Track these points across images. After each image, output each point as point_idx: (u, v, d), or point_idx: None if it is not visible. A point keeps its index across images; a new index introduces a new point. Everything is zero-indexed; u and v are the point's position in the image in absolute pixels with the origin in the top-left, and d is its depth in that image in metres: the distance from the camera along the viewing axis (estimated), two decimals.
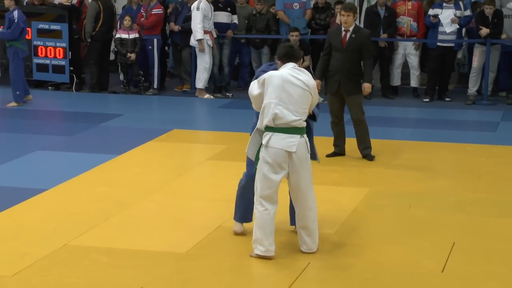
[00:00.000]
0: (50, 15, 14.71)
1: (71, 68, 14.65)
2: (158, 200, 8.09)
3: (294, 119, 6.36)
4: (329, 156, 9.82)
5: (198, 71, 14.21)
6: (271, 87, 6.36)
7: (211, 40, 14.19)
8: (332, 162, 9.62)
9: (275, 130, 6.35)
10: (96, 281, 6.01)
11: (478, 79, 14.05)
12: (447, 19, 13.79)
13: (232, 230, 7.00)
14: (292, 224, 6.99)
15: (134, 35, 14.37)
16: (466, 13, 13.98)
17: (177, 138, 10.93)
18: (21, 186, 8.50)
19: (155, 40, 14.54)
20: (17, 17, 12.96)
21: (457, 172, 9.39)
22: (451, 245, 6.80)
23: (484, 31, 13.58)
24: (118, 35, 14.40)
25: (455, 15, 13.81)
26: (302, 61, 13.75)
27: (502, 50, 14.02)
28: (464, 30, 14.38)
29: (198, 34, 13.96)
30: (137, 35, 14.40)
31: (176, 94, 14.71)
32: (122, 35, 14.35)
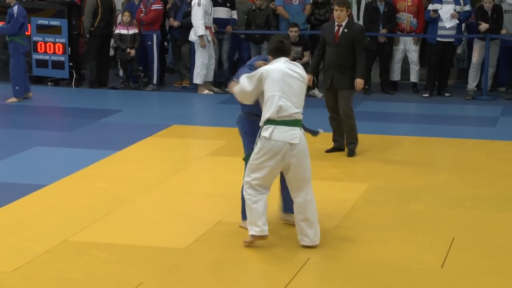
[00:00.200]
0: (50, 11, 14.69)
1: (71, 64, 14.65)
2: (158, 196, 8.09)
3: (296, 111, 6.44)
4: (329, 152, 9.81)
5: (196, 67, 14.20)
6: (271, 81, 6.37)
7: (212, 36, 14.18)
8: (332, 158, 9.62)
9: (278, 123, 6.37)
10: (96, 277, 6.01)
11: (478, 74, 14.04)
12: (447, 14, 13.78)
13: (239, 226, 7.04)
14: (285, 211, 7.00)
15: (134, 31, 14.37)
16: (466, 8, 13.97)
17: (177, 134, 10.93)
18: (21, 182, 8.50)
19: (155, 36, 14.53)
20: (17, 12, 12.96)
21: (457, 167, 9.39)
22: (451, 240, 6.80)
23: (484, 26, 13.57)
24: (118, 31, 14.39)
25: (455, 10, 13.80)
26: (302, 57, 13.80)
27: (502, 45, 14.01)
28: (464, 25, 14.38)
29: (200, 30, 13.94)
30: (137, 31, 14.39)
31: (176, 90, 14.70)
32: (122, 31, 14.34)
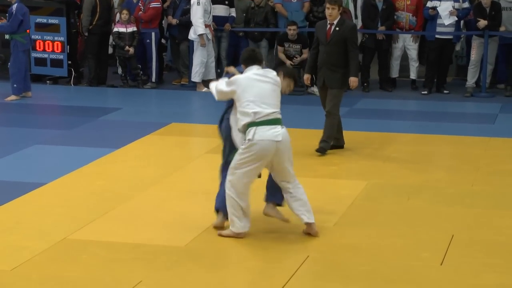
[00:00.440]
0: (48, 9, 14.68)
1: (69, 62, 14.64)
2: (157, 194, 8.09)
3: (272, 111, 6.57)
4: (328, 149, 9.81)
5: (195, 65, 14.19)
6: (241, 89, 6.60)
7: (212, 34, 14.19)
8: (331, 155, 9.62)
9: (257, 124, 6.51)
10: (95, 275, 6.01)
11: (477, 72, 14.04)
12: (446, 11, 13.78)
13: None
14: (269, 200, 6.98)
15: (132, 29, 14.35)
16: (465, 5, 13.97)
17: (176, 132, 10.93)
18: (19, 180, 8.50)
19: (153, 34, 14.52)
20: (16, 10, 12.96)
21: (456, 165, 9.39)
22: (450, 238, 6.80)
23: (482, 23, 13.57)
24: (116, 29, 14.38)
25: (454, 7, 13.80)
26: (301, 54, 13.79)
27: (500, 42, 14.00)
28: (462, 22, 14.38)
29: (200, 29, 13.94)
30: (135, 29, 14.38)
31: (175, 88, 14.70)
32: (120, 29, 14.33)
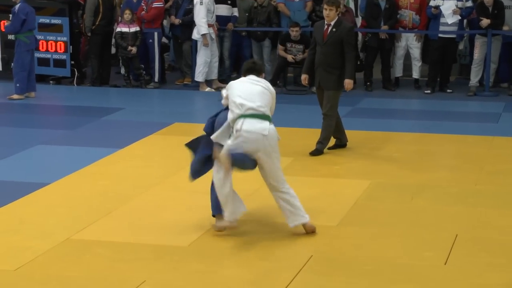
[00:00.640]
0: (51, 9, 14.69)
1: (72, 62, 14.65)
2: (160, 194, 8.09)
3: (260, 105, 6.74)
4: (331, 149, 9.81)
5: (199, 65, 14.19)
6: (231, 91, 6.88)
7: (215, 33, 14.19)
8: (334, 155, 9.62)
9: (246, 116, 6.67)
10: (98, 275, 6.01)
11: (480, 71, 14.03)
12: (449, 10, 13.76)
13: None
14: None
15: (135, 29, 14.35)
16: (468, 4, 13.95)
17: (179, 132, 10.93)
18: (23, 181, 8.51)
19: (156, 34, 14.53)
20: (18, 9, 12.99)
21: (459, 164, 9.38)
22: (454, 237, 6.79)
23: (485, 22, 13.55)
24: (119, 29, 14.39)
25: (457, 6, 13.78)
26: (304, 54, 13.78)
27: (503, 41, 13.99)
28: (466, 21, 14.36)
29: (203, 29, 13.94)
30: (138, 29, 14.38)
31: (177, 88, 14.70)
32: (123, 29, 14.33)
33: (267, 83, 6.99)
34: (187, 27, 14.44)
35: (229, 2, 14.56)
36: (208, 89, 14.20)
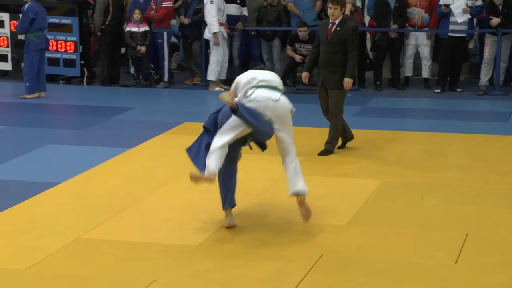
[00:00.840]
0: (61, 9, 14.73)
1: (82, 62, 14.69)
2: (170, 193, 8.10)
3: (273, 80, 6.76)
4: (340, 148, 9.80)
5: (211, 64, 14.21)
6: (238, 79, 6.84)
7: (226, 32, 14.20)
8: (343, 154, 9.61)
9: (257, 87, 6.66)
10: (109, 274, 6.02)
11: (490, 70, 14.00)
12: (459, 9, 13.74)
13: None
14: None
15: (144, 28, 14.38)
16: (478, 3, 13.93)
17: (188, 131, 10.91)
18: (33, 180, 8.52)
19: (165, 33, 14.55)
20: (27, 8, 13.04)
21: (469, 163, 9.35)
22: (464, 237, 6.77)
23: (495, 21, 13.53)
24: (128, 29, 14.41)
25: (467, 5, 13.76)
26: None
27: None
28: (475, 20, 14.33)
29: (214, 27, 13.95)
30: (147, 28, 14.40)
31: (187, 87, 14.71)
32: (132, 28, 14.36)
33: (275, 76, 6.96)
34: (197, 27, 14.46)
35: (238, 2, 14.57)
36: (218, 89, 14.21)
